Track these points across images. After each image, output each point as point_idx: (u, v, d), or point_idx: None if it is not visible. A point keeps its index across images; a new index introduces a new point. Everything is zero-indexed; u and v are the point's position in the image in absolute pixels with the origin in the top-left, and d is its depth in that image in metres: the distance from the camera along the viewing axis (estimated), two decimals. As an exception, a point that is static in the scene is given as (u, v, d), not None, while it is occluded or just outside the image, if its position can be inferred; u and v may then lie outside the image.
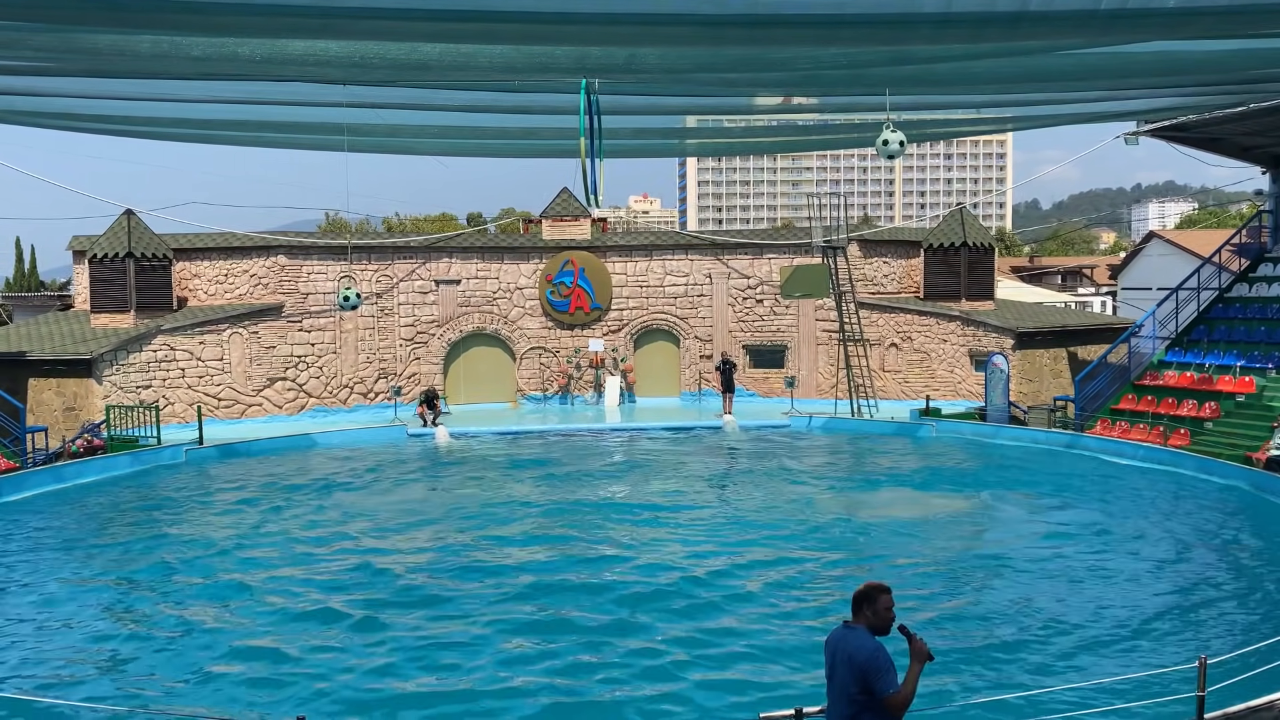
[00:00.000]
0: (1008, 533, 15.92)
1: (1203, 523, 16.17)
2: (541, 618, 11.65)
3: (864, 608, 5.55)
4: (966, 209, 31.15)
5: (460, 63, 12.09)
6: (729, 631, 11.14)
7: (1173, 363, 24.31)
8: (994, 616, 11.65)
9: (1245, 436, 20.45)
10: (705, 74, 13.77)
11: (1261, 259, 26.20)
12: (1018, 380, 27.50)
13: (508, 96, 14.84)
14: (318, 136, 18.24)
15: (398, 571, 13.59)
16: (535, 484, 19.67)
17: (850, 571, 13.48)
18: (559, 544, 14.98)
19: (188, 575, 13.64)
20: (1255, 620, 11.39)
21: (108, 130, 18.37)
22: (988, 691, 9.00)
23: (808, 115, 19.68)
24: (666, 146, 26.30)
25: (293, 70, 12.72)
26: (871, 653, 5.39)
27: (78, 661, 10.52)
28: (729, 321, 30.63)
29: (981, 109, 18.35)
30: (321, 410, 27.93)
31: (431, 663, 10.31)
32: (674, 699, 9.36)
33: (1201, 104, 19.19)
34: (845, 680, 5.42)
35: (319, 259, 28.43)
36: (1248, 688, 8.07)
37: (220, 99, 14.83)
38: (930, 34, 10.96)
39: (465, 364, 29.94)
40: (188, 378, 26.47)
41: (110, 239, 26.48)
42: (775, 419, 27.03)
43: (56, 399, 24.48)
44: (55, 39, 10.99)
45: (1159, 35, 11.32)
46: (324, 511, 17.36)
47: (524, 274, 30.10)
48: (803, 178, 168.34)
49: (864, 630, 5.52)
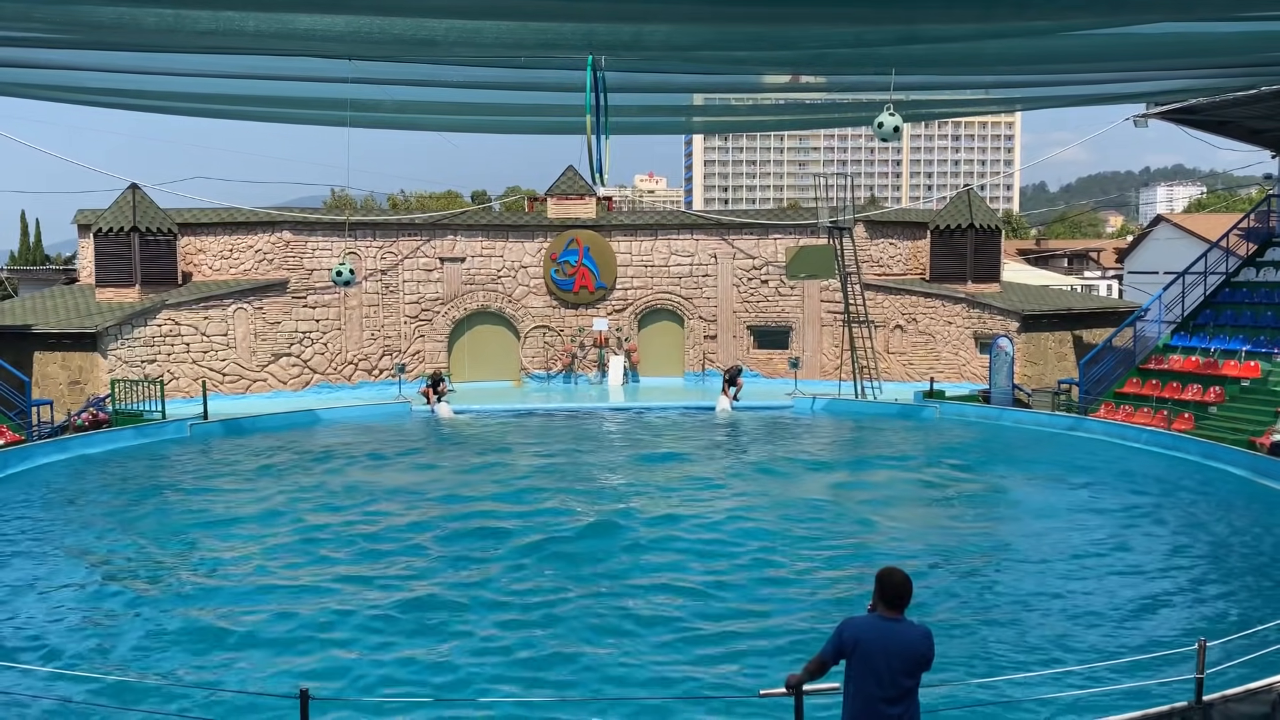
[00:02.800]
0: (1006, 515, 15.95)
1: (1204, 507, 16.17)
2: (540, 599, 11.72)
3: (908, 599, 5.59)
4: (974, 191, 31.02)
5: (466, 39, 12.02)
6: (732, 614, 11.20)
7: (1178, 347, 24.26)
8: (991, 597, 11.70)
9: (1249, 421, 20.43)
10: (712, 52, 13.69)
11: (1269, 243, 26.09)
12: (1022, 363, 27.46)
13: (513, 73, 14.75)
14: (323, 112, 18.17)
15: (411, 540, 13.67)
16: (533, 459, 19.72)
17: (842, 552, 13.52)
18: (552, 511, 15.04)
19: (187, 548, 13.72)
20: (1255, 604, 11.41)
21: (113, 104, 18.30)
22: (985, 673, 9.04)
23: (815, 94, 19.57)
24: (673, 124, 26.24)
25: (298, 45, 12.66)
26: (931, 643, 5.56)
27: (78, 629, 10.60)
28: (733, 302, 30.59)
29: (990, 89, 18.23)
30: (326, 386, 28.00)
31: (431, 634, 10.39)
32: (670, 675, 9.42)
33: (1212, 86, 19.04)
34: (896, 671, 5.45)
35: (324, 235, 28.42)
36: (1247, 670, 8.10)
37: (225, 73, 14.77)
38: (939, 13, 10.89)
39: (469, 342, 29.96)
40: (192, 352, 26.53)
41: (115, 213, 26.47)
42: (779, 399, 27.05)
43: (62, 373, 24.55)
44: (59, 11, 10.94)
45: (1169, 16, 11.24)
46: (329, 484, 17.43)
47: (528, 252, 30.07)
48: (809, 158, 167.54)
49: (909, 621, 5.58)
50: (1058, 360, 28.61)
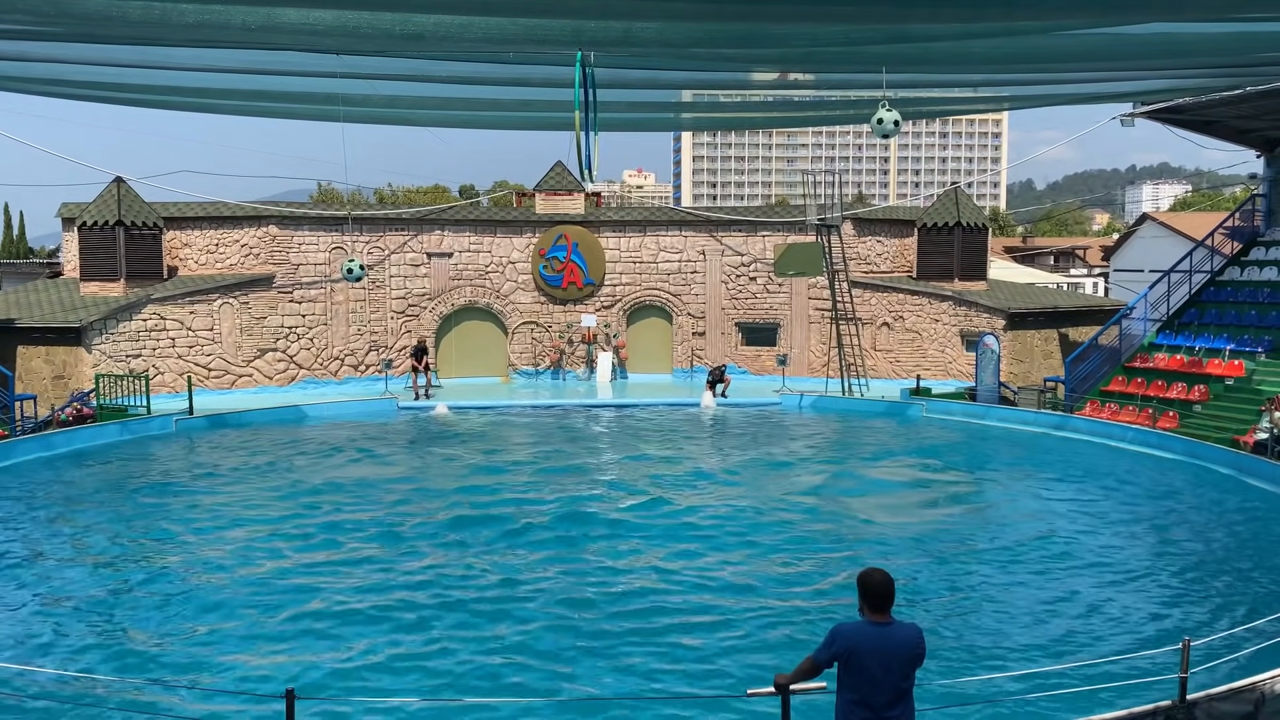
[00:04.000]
0: (990, 512, 15.99)
1: (1189, 505, 16.27)
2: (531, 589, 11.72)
3: (891, 598, 5.57)
4: (961, 189, 31.10)
5: (454, 34, 11.97)
6: (716, 613, 11.21)
7: (1163, 345, 24.39)
8: (974, 595, 11.74)
9: (1233, 420, 20.56)
10: (702, 48, 13.68)
11: (1254, 243, 26.25)
12: (1008, 361, 27.57)
13: (502, 68, 14.71)
14: (311, 106, 18.09)
15: (404, 535, 13.63)
16: (528, 454, 19.71)
17: (828, 550, 13.56)
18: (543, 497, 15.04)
19: (172, 544, 13.65)
20: (1239, 603, 11.49)
21: (98, 97, 18.18)
22: (967, 674, 9.07)
23: (804, 91, 19.58)
24: (662, 120, 26.16)
25: (285, 39, 12.59)
26: (922, 640, 5.59)
27: (57, 628, 10.53)
28: (722, 299, 30.61)
29: (978, 88, 18.27)
30: (312, 382, 27.89)
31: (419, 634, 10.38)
32: (664, 670, 9.43)
33: (1198, 86, 19.14)
34: (894, 675, 5.45)
35: (310, 229, 28.29)
36: (1230, 669, 8.16)
37: (212, 67, 14.67)
38: (927, 13, 10.91)
39: (457, 337, 29.89)
40: (178, 347, 26.38)
41: (100, 207, 26.29)
42: (766, 396, 27.10)
43: (45, 367, 24.38)
44: (46, 2, 10.84)
45: (1157, 17, 11.28)
46: (314, 481, 17.37)
47: (517, 248, 30.00)
48: (798, 154, 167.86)
49: (898, 622, 5.57)
50: (1044, 358, 28.72)
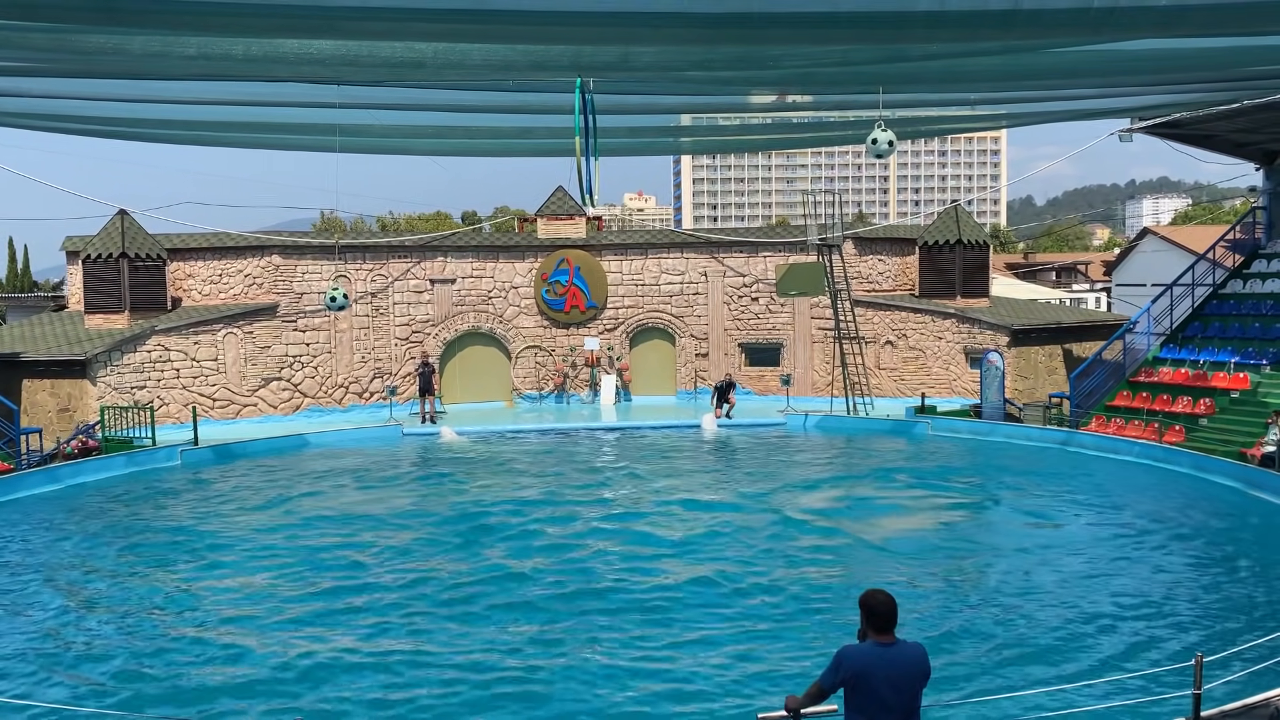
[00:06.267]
0: (999, 530, 15.94)
1: (1197, 519, 16.19)
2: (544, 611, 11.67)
3: (895, 618, 5.53)
4: (961, 206, 31.17)
5: (454, 61, 12.06)
6: (723, 630, 11.16)
7: (1167, 359, 24.35)
8: (985, 614, 11.67)
9: (1240, 433, 20.50)
10: (700, 72, 13.75)
11: (1256, 255, 26.25)
12: (1013, 377, 27.53)
13: (502, 96, 14.81)
14: (311, 137, 18.18)
15: (422, 569, 13.60)
16: (532, 480, 19.68)
17: (836, 570, 13.50)
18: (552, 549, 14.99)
19: (179, 576, 13.62)
20: (1252, 618, 11.41)
21: (100, 132, 18.29)
22: (980, 691, 9.01)
23: (802, 113, 19.67)
24: (661, 144, 26.26)
25: (285, 70, 12.68)
26: (927, 657, 5.54)
27: (60, 658, 10.50)
28: (724, 320, 30.63)
29: (976, 106, 18.34)
30: (317, 410, 27.90)
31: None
32: (671, 695, 9.37)
33: (1195, 101, 19.20)
34: (904, 695, 5.41)
35: (313, 258, 28.38)
36: (1244, 685, 8.10)
37: (212, 100, 14.77)
38: (924, 33, 10.96)
39: (460, 363, 29.91)
40: (182, 378, 26.42)
41: (104, 239, 26.42)
42: (771, 417, 27.06)
43: (51, 400, 24.42)
44: (48, 38, 10.94)
45: (1152, 33, 11.32)
46: (321, 510, 17.34)
47: (519, 273, 30.08)
48: (797, 175, 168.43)
49: (903, 641, 5.52)
50: (1048, 374, 28.69)
